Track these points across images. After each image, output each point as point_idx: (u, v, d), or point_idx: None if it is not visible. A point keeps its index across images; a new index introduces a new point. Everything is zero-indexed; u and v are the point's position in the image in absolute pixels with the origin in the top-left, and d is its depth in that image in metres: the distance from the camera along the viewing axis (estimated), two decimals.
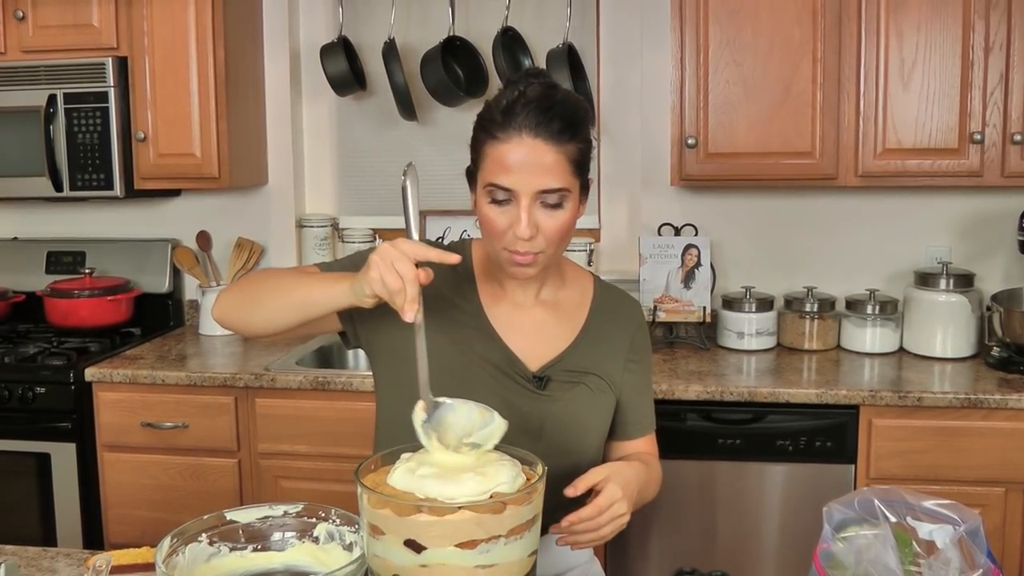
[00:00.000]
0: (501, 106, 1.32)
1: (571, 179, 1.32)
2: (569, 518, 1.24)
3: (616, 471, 1.30)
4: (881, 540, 0.93)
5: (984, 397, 2.32)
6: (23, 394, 2.64)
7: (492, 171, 1.31)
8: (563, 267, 1.52)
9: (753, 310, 2.80)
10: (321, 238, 3.18)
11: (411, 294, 1.16)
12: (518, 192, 1.29)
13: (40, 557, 1.44)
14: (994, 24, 2.50)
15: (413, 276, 1.17)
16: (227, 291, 1.48)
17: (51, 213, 3.34)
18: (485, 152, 1.33)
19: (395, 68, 2.95)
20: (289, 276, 1.40)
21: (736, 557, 2.46)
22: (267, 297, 1.38)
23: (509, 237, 1.32)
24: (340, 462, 2.53)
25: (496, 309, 1.45)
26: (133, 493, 2.66)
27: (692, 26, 2.63)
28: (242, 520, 1.19)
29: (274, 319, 1.38)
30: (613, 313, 1.52)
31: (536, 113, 1.29)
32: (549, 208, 1.31)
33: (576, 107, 1.34)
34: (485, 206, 1.33)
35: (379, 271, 1.18)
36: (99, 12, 2.84)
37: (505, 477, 1.08)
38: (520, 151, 1.29)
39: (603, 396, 1.47)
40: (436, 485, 1.06)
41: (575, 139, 1.31)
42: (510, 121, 1.30)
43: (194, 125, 2.85)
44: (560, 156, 1.30)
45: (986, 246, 2.89)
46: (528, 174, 1.29)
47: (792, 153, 2.63)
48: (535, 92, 1.31)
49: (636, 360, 1.52)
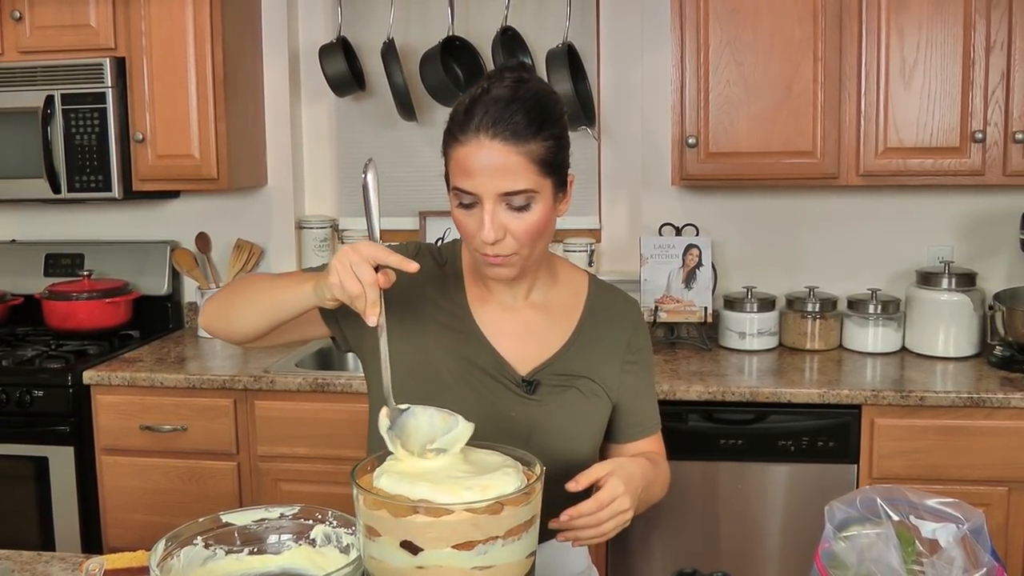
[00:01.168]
0: (464, 104, 1.27)
1: (537, 179, 1.26)
2: (568, 512, 1.20)
3: (620, 466, 1.26)
4: (883, 539, 0.92)
5: (987, 396, 2.31)
6: (21, 397, 2.63)
7: (456, 175, 1.28)
8: (556, 267, 1.48)
9: (755, 310, 2.79)
10: (321, 240, 3.17)
11: (371, 298, 1.14)
12: (480, 196, 1.25)
13: (35, 561, 1.43)
14: (995, 23, 2.50)
15: (372, 280, 1.15)
16: (211, 300, 1.47)
17: (49, 215, 3.33)
18: (450, 155, 1.29)
19: (394, 68, 2.94)
20: (263, 281, 1.39)
21: (738, 558, 2.45)
22: (241, 303, 1.38)
23: (478, 240, 1.28)
24: (340, 464, 2.52)
25: (484, 312, 1.42)
26: (132, 497, 2.65)
27: (692, 25, 2.62)
28: (238, 523, 1.17)
29: (249, 325, 1.37)
30: (608, 313, 1.47)
31: (495, 112, 1.23)
32: (515, 210, 1.26)
33: (542, 101, 1.27)
34: (455, 209, 1.30)
35: (339, 276, 1.16)
36: (97, 12, 2.83)
37: (510, 489, 1.04)
38: (480, 154, 1.24)
39: (595, 400, 1.43)
40: (432, 493, 1.04)
41: (540, 136, 1.25)
42: (469, 121, 1.24)
43: (193, 126, 2.84)
44: (521, 157, 1.24)
45: (988, 245, 2.88)
46: (488, 177, 1.24)
47: (793, 152, 2.62)
48: (498, 89, 1.25)
49: (634, 361, 1.48)
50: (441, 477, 1.07)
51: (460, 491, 1.02)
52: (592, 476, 1.23)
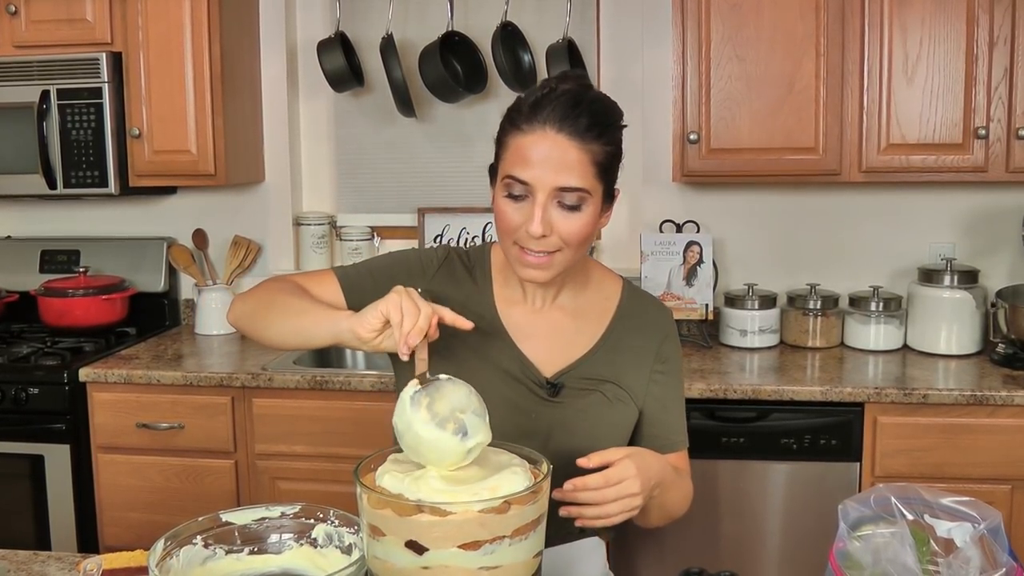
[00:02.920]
0: (530, 100, 1.28)
1: (593, 181, 1.27)
2: (573, 482, 1.18)
3: (637, 452, 1.24)
4: (898, 539, 0.90)
5: (989, 394, 2.30)
6: (16, 395, 2.61)
7: (512, 163, 1.27)
8: (589, 270, 1.47)
9: (756, 307, 2.77)
10: (319, 236, 3.15)
11: (420, 325, 1.13)
12: (534, 187, 1.25)
13: (31, 561, 1.41)
14: (998, 18, 2.48)
15: (429, 312, 1.15)
16: (242, 298, 1.45)
17: (45, 211, 3.31)
18: (507, 143, 1.29)
19: (393, 64, 2.92)
20: (296, 299, 1.36)
21: (741, 556, 2.44)
22: (274, 317, 1.36)
23: (521, 233, 1.28)
24: (338, 462, 2.50)
25: (512, 313, 1.41)
26: (128, 495, 2.62)
27: (694, 21, 2.60)
28: (238, 522, 1.16)
29: (280, 340, 1.37)
30: (639, 320, 1.46)
31: (563, 108, 1.25)
32: (566, 209, 1.27)
33: (608, 109, 1.30)
34: (501, 199, 1.30)
35: (396, 302, 1.15)
36: (93, 6, 2.80)
37: (519, 488, 1.02)
38: (543, 145, 1.25)
39: (620, 406, 1.41)
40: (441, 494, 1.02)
41: (601, 140, 1.27)
42: (536, 114, 1.26)
43: (190, 121, 2.82)
44: (584, 155, 1.25)
45: (990, 242, 2.87)
46: (547, 169, 1.24)
47: (795, 149, 2.60)
48: (566, 88, 1.27)
49: (663, 371, 1.45)
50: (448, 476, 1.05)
51: (467, 491, 1.00)
52: (606, 457, 1.21)
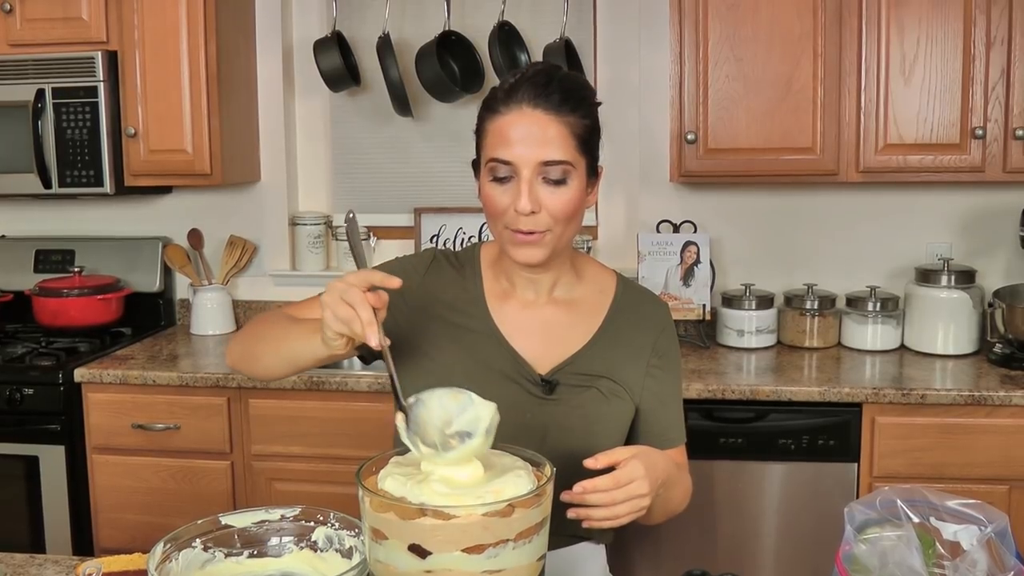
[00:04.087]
0: (505, 85, 1.32)
1: (575, 154, 1.29)
2: (583, 484, 1.16)
3: (643, 452, 1.23)
4: (905, 541, 0.90)
5: (987, 394, 2.30)
6: (11, 395, 2.59)
7: (493, 145, 1.29)
8: (581, 264, 1.46)
9: (753, 308, 2.77)
10: (315, 236, 3.14)
11: (365, 318, 1.11)
12: (518, 165, 1.27)
13: (27, 564, 1.40)
14: (995, 18, 2.49)
15: (361, 299, 1.12)
16: (236, 340, 1.47)
17: (39, 210, 3.29)
18: (486, 129, 1.31)
19: (390, 63, 2.91)
20: (279, 326, 1.38)
21: (738, 557, 2.43)
22: (263, 349, 1.38)
23: (511, 215, 1.28)
24: (335, 464, 2.50)
25: (504, 310, 1.40)
26: (124, 496, 2.61)
27: (691, 21, 2.60)
28: (238, 524, 1.15)
29: (272, 370, 1.39)
30: (635, 314, 1.44)
31: (536, 86, 1.28)
32: (552, 184, 1.28)
33: (580, 85, 1.33)
34: (487, 185, 1.31)
35: (330, 309, 1.14)
36: (88, 5, 2.78)
37: (523, 491, 1.01)
38: (521, 123, 1.27)
39: (616, 401, 1.40)
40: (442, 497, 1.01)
41: (577, 112, 1.29)
42: (511, 96, 1.29)
43: (185, 121, 2.80)
44: (562, 128, 1.28)
45: (987, 242, 2.87)
46: (529, 145, 1.27)
47: (793, 149, 2.60)
48: (538, 68, 1.32)
49: (660, 366, 1.44)
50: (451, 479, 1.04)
51: (471, 494, 0.99)
52: (614, 457, 1.20)
